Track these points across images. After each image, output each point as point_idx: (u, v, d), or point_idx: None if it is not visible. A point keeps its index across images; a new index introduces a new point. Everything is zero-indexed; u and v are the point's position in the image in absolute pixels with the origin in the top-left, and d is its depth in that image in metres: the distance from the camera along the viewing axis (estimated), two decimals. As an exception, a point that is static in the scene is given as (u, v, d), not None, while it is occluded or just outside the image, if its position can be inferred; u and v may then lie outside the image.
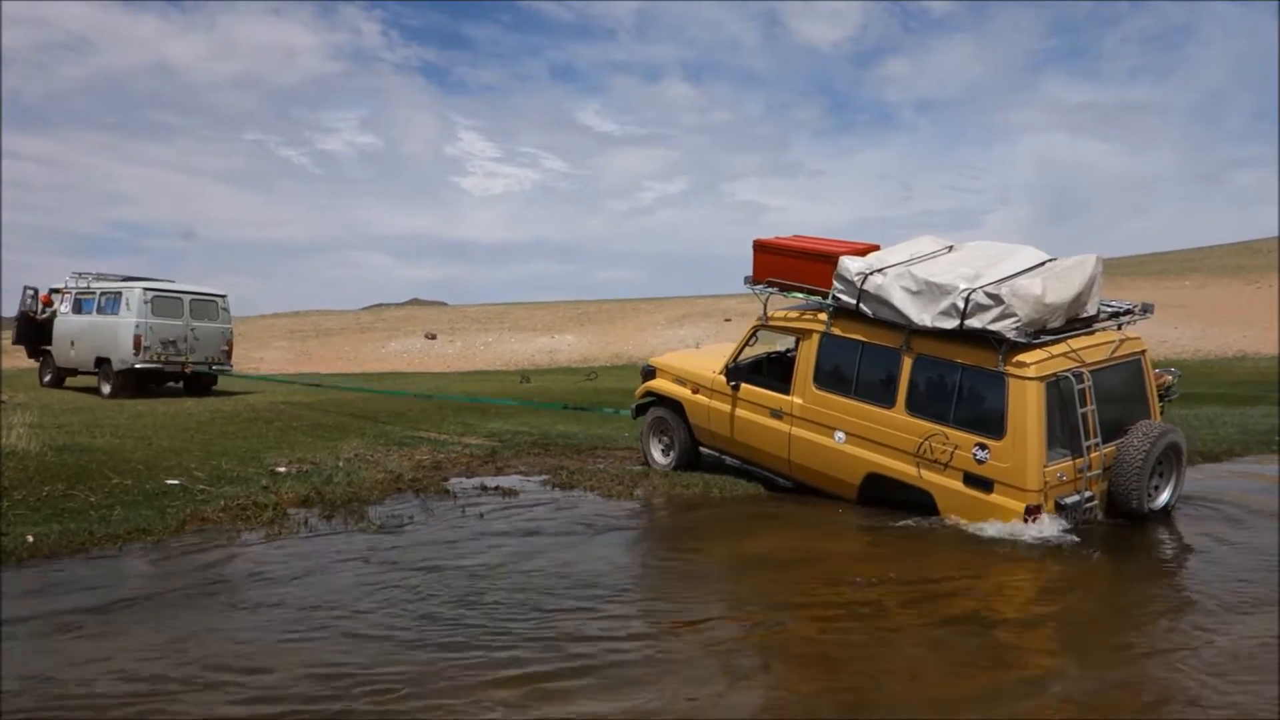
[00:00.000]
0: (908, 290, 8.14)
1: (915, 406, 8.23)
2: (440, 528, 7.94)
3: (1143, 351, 8.50)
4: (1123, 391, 8.31)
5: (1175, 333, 37.27)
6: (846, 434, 8.70)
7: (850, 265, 8.62)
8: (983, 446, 7.74)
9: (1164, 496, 8.25)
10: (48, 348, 19.15)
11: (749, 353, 10.10)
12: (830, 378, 8.95)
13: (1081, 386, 7.65)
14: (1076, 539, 7.39)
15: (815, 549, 7.69)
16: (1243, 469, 11.21)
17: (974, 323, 7.71)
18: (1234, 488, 9.72)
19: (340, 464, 10.29)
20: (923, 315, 8.03)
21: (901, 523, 8.05)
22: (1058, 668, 5.13)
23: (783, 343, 10.48)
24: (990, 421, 7.75)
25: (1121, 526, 7.88)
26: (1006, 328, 7.55)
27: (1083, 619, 6.05)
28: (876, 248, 9.23)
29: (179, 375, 18.11)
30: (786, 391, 9.29)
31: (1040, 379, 7.56)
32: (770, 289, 9.60)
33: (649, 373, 11.05)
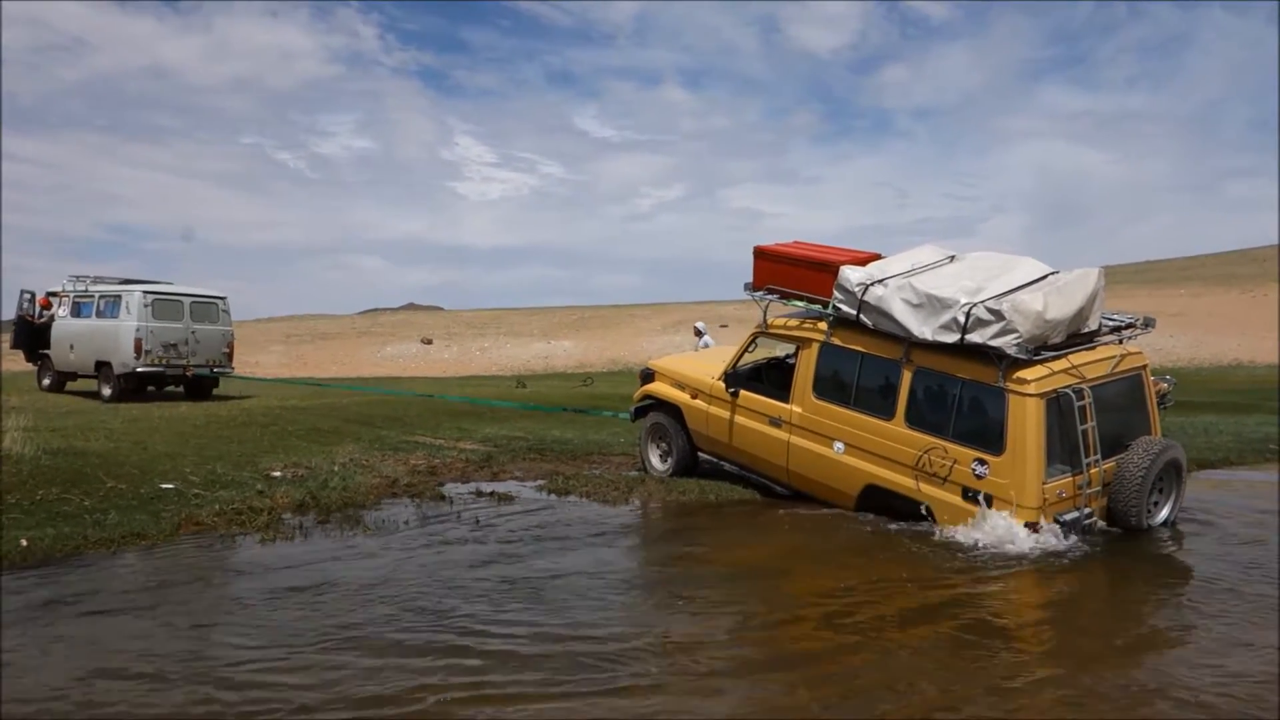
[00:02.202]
0: (908, 303, 8.11)
1: (915, 419, 8.20)
2: (434, 532, 7.90)
3: (1144, 366, 8.49)
4: (1123, 406, 8.29)
5: (1171, 341, 37.42)
6: (845, 444, 8.68)
7: (851, 275, 8.59)
8: (982, 462, 7.72)
9: (1164, 512, 8.24)
10: (46, 352, 19.08)
11: (748, 358, 10.09)
12: (829, 387, 8.93)
13: (1082, 403, 7.63)
14: (1073, 550, 7.39)
15: (811, 556, 7.67)
16: (1239, 477, 11.23)
17: (975, 337, 7.68)
18: (1229, 496, 9.73)
19: (335, 469, 10.26)
20: (923, 328, 8.01)
21: (898, 531, 8.04)
22: (1053, 672, 5.12)
23: (782, 349, 10.46)
24: (990, 437, 7.73)
25: (1119, 536, 7.88)
26: (1007, 343, 7.52)
27: (1078, 624, 6.06)
28: (878, 256, 9.21)
29: (180, 379, 18.05)
30: (786, 400, 9.27)
31: (1040, 396, 7.54)
32: (770, 296, 9.58)
33: (648, 376, 11.03)
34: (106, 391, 17.42)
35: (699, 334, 17.51)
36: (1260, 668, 5.11)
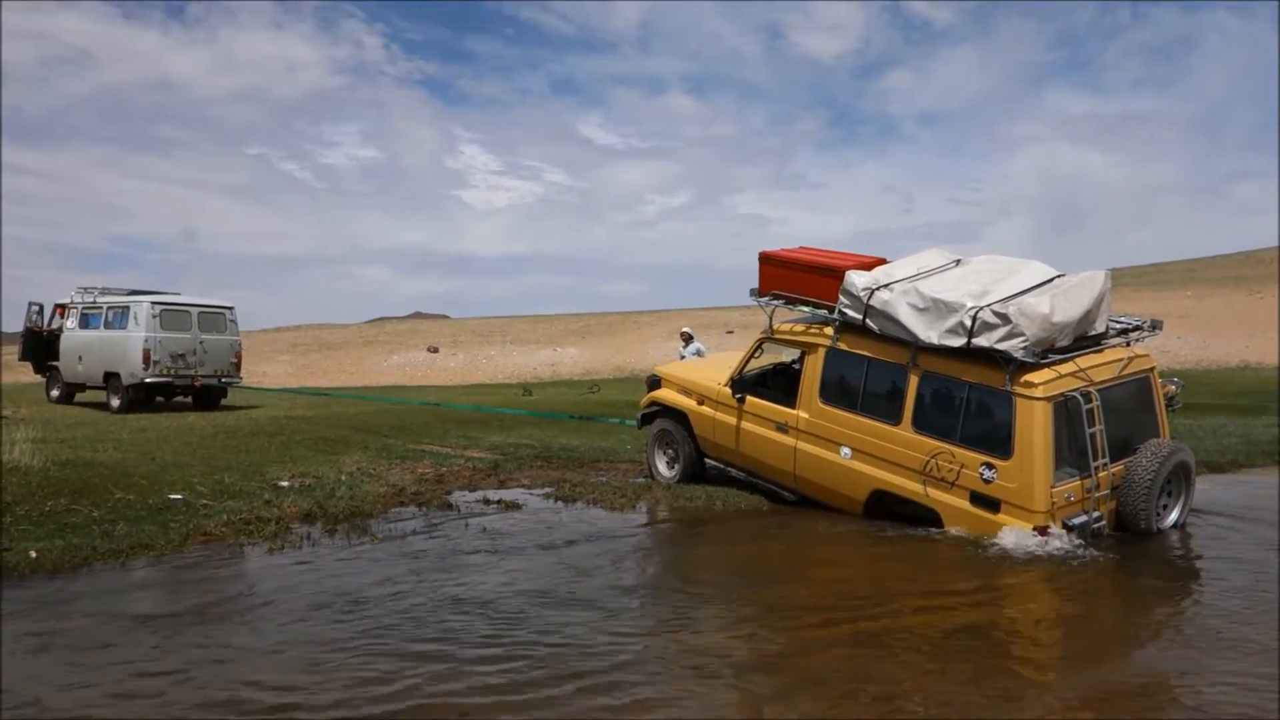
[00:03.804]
0: (914, 307, 8.11)
1: (922, 424, 8.19)
2: (442, 540, 7.90)
3: (1152, 369, 8.47)
4: (1131, 409, 8.27)
5: (1178, 343, 37.29)
6: (852, 450, 8.66)
7: (856, 280, 8.59)
8: (990, 466, 7.70)
9: (1173, 515, 8.21)
10: (55, 363, 19.14)
11: (754, 364, 10.09)
12: (836, 393, 8.92)
13: (1089, 406, 7.61)
14: (1082, 554, 7.37)
15: (818, 562, 7.67)
16: (1248, 479, 11.19)
17: (981, 341, 7.67)
18: (1239, 499, 9.69)
19: (343, 478, 10.27)
20: (929, 332, 8.00)
21: (906, 536, 8.02)
22: (1061, 677, 5.12)
23: (787, 354, 10.46)
24: (997, 441, 7.71)
25: (1128, 540, 7.85)
26: (1014, 347, 7.51)
27: (1086, 629, 6.03)
28: (883, 261, 9.20)
29: (188, 389, 18.09)
30: (792, 405, 9.26)
31: (1048, 399, 7.52)
32: (776, 302, 9.58)
33: (654, 382, 11.04)
34: (115, 402, 17.47)
35: (688, 339, 16.89)
36: (1265, 670, 5.09)
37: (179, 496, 8.94)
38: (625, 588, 6.81)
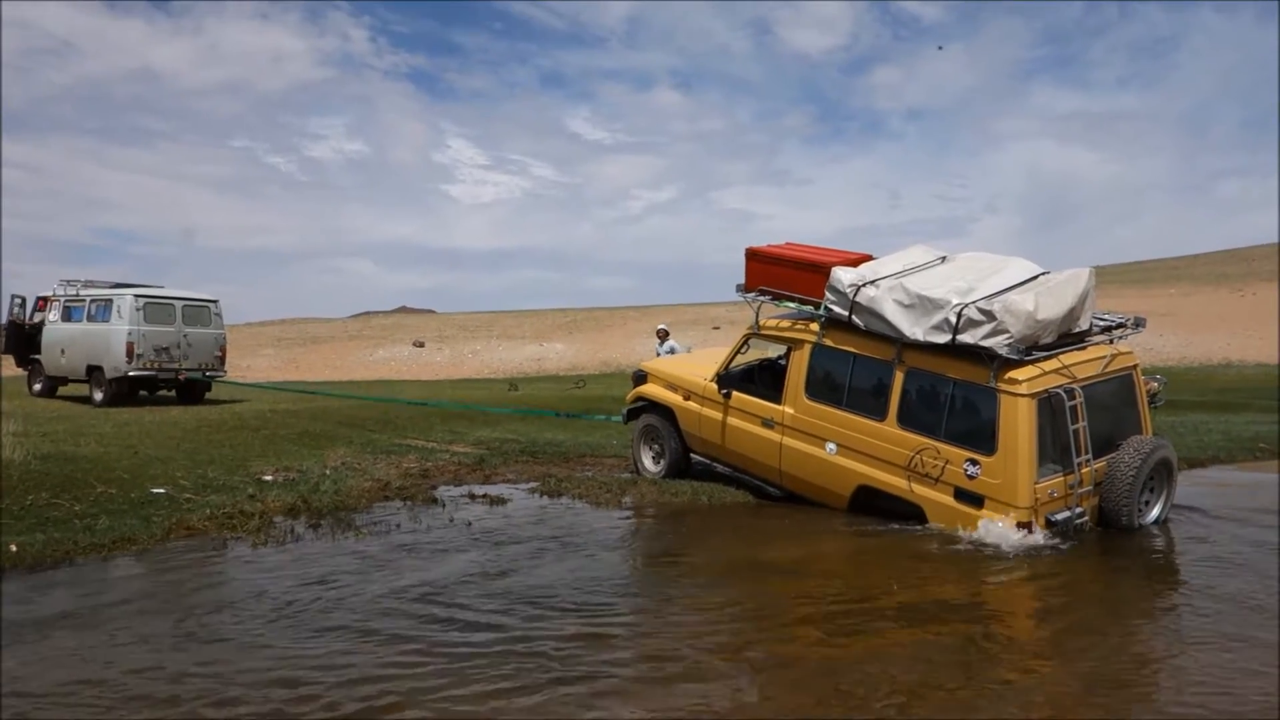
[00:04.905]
0: (900, 303, 8.13)
1: (907, 420, 8.22)
2: (425, 533, 7.87)
3: (1134, 366, 8.53)
4: (1114, 405, 8.33)
5: (1161, 340, 37.58)
6: (838, 445, 8.69)
7: (843, 276, 8.61)
8: (974, 462, 7.74)
9: (1155, 511, 8.27)
10: (37, 357, 18.99)
11: (740, 360, 10.10)
12: (822, 388, 8.94)
13: (1073, 403, 7.65)
14: (1065, 549, 7.41)
15: (803, 557, 7.67)
16: (1229, 476, 11.29)
17: (966, 338, 7.70)
18: (1220, 495, 9.77)
19: (327, 472, 10.22)
20: (915, 329, 8.02)
21: (890, 531, 8.05)
22: (1044, 672, 5.13)
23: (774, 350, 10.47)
24: (981, 437, 7.75)
25: (1110, 536, 7.90)
26: (998, 344, 7.54)
27: (1069, 624, 6.05)
28: (869, 258, 9.22)
29: (172, 382, 17.98)
30: (778, 401, 9.28)
31: (1032, 396, 7.56)
32: (762, 298, 9.59)
33: (640, 377, 11.03)
34: (98, 396, 17.35)
35: (663, 336, 16.68)
36: (1257, 666, 5.12)
37: (162, 491, 8.88)
38: (604, 584, 6.79)
